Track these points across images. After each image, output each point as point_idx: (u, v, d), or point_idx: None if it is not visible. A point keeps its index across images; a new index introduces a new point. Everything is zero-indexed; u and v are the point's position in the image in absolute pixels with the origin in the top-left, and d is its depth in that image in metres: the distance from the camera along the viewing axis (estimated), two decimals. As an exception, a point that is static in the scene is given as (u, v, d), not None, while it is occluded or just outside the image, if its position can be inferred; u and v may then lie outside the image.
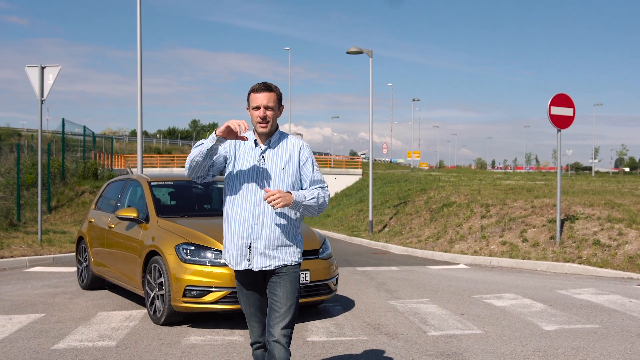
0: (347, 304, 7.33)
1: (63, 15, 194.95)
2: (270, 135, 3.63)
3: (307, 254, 6.47)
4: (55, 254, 11.52)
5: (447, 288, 8.65)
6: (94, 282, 8.16)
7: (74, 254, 9.55)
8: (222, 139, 3.45)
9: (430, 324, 6.20)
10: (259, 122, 3.54)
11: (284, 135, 3.69)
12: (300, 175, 3.67)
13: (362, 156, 66.90)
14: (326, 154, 75.87)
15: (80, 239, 8.63)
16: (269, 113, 3.53)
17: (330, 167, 45.01)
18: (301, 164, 3.67)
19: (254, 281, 3.68)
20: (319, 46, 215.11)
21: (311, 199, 3.58)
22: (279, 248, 3.58)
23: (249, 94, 3.60)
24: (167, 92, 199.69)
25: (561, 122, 12.05)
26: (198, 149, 3.48)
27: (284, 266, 3.59)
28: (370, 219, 20.07)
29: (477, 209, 16.17)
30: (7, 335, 5.66)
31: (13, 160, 20.19)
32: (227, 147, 3.62)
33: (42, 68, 12.27)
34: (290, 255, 3.62)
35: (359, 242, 18.89)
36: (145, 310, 6.77)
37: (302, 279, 6.22)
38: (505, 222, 14.17)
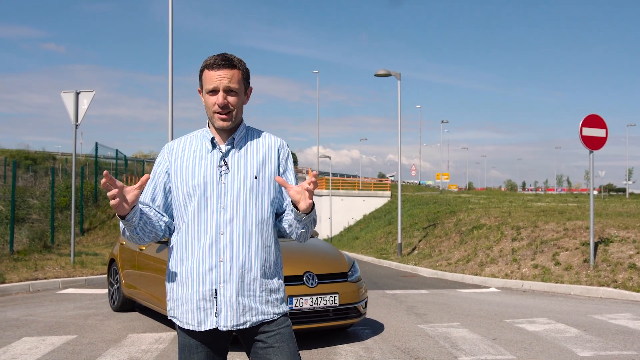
0: (376, 328, 7.26)
1: (96, 41, 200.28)
2: (234, 131, 2.49)
3: (336, 276, 6.47)
4: (87, 276, 11.68)
5: (478, 312, 8.51)
6: (124, 304, 8.25)
7: (106, 276, 9.68)
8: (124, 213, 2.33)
9: (461, 349, 6.10)
10: (218, 113, 2.41)
11: (252, 131, 2.56)
12: (280, 187, 2.53)
13: (391, 178, 66.71)
14: (354, 176, 75.86)
15: (112, 261, 8.75)
16: (231, 99, 2.41)
17: (358, 190, 44.98)
18: (281, 170, 2.54)
19: (215, 345, 2.50)
20: (347, 68, 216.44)
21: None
22: (259, 293, 2.45)
23: (201, 71, 2.46)
24: (196, 115, 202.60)
25: (593, 143, 11.87)
26: (125, 234, 2.44)
27: (269, 322, 2.46)
28: (399, 241, 19.93)
29: (507, 231, 15.95)
30: (40, 356, 5.74)
31: (48, 183, 20.67)
32: (161, 165, 2.53)
33: (77, 93, 12.58)
34: (270, 304, 2.47)
35: (387, 265, 18.75)
36: (174, 333, 6.80)
37: (331, 302, 6.20)
38: (536, 245, 13.93)
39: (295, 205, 2.39)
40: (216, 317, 2.40)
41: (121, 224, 2.39)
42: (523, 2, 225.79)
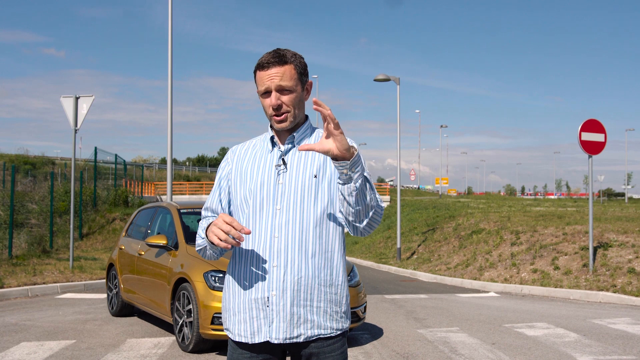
0: (375, 333, 7.25)
1: (96, 46, 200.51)
2: (295, 130, 2.31)
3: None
4: (86, 281, 11.67)
5: (477, 316, 8.51)
6: (123, 309, 8.24)
7: (104, 280, 9.67)
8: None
9: (460, 354, 6.09)
10: (274, 115, 2.24)
11: (317, 131, 2.38)
12: None
13: (390, 183, 66.69)
14: (353, 181, 75.53)
15: (111, 265, 8.74)
16: (285, 98, 2.22)
17: (357, 194, 44.85)
18: None
19: None
20: (345, 73, 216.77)
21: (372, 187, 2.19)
22: (317, 304, 2.21)
23: (254, 73, 2.29)
24: (195, 120, 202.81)
25: (592, 148, 11.88)
26: (204, 252, 2.30)
27: (325, 338, 2.23)
28: (398, 246, 19.92)
29: (507, 236, 15.95)
30: (39, 361, 5.72)
31: (47, 188, 20.66)
32: (224, 169, 2.40)
33: (77, 98, 12.59)
34: (328, 317, 2.24)
35: (387, 270, 18.73)
36: (173, 338, 6.79)
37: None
38: (536, 250, 13.93)
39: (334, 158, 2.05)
40: (269, 328, 2.17)
41: (204, 242, 2.24)
42: (522, 7, 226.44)
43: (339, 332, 2.25)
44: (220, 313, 5.87)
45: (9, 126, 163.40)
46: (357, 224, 2.19)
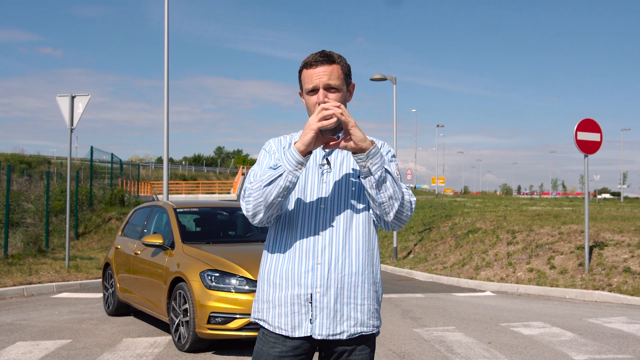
0: (371, 332, 7.25)
1: (92, 45, 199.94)
2: (339, 130, 2.34)
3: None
4: (82, 280, 11.64)
5: (474, 316, 8.52)
6: (119, 308, 8.22)
7: (101, 280, 9.66)
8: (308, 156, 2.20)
9: (456, 353, 6.10)
10: None
11: None
12: None
13: (386, 182, 66.63)
14: (350, 180, 75.61)
15: (107, 265, 8.73)
16: (332, 96, 2.27)
17: (354, 193, 44.85)
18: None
19: (299, 358, 2.28)
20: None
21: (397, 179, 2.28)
22: (360, 301, 2.28)
23: (300, 71, 2.35)
24: (190, 119, 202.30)
25: (588, 148, 11.91)
26: (274, 185, 2.16)
27: (362, 335, 2.29)
28: (394, 245, 19.94)
29: (503, 235, 15.97)
30: (35, 361, 5.71)
31: (43, 187, 20.61)
32: (272, 155, 2.39)
33: (73, 97, 12.56)
34: (370, 314, 2.31)
35: (383, 269, 18.75)
36: (170, 337, 6.79)
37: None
38: (532, 249, 13.96)
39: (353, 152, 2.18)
40: (311, 324, 2.21)
41: (280, 170, 2.16)
42: (519, 7, 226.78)
43: (377, 329, 2.33)
44: (217, 312, 5.88)
45: (4, 125, 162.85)
46: (386, 218, 2.27)
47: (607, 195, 63.66)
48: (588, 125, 11.95)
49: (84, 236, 19.71)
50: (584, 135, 11.88)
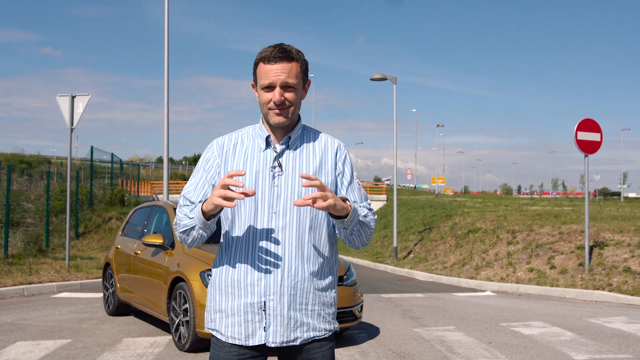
0: (372, 332, 7.26)
1: (92, 45, 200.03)
2: (290, 130, 2.26)
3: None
4: (82, 280, 11.64)
5: (474, 315, 8.52)
6: (119, 308, 8.22)
7: (101, 280, 9.66)
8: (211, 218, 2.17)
9: (456, 353, 6.10)
10: (274, 110, 2.19)
11: (309, 131, 2.33)
12: (337, 191, 2.29)
13: (387, 182, 66.74)
14: (350, 180, 75.56)
15: (107, 265, 8.72)
16: (288, 95, 2.18)
17: (354, 193, 44.83)
18: (337, 172, 2.29)
19: None
20: (342, 73, 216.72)
21: (365, 215, 2.27)
22: (311, 307, 2.23)
23: (255, 64, 2.23)
24: (190, 119, 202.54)
25: (588, 148, 11.91)
26: (190, 234, 2.22)
27: (317, 340, 2.25)
28: (394, 245, 19.94)
29: (503, 235, 15.97)
30: (35, 360, 5.71)
31: (43, 187, 20.61)
32: (211, 161, 2.30)
33: (73, 97, 12.55)
34: (322, 319, 2.26)
35: (383, 269, 18.74)
36: (170, 337, 6.79)
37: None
38: (532, 249, 13.96)
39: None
40: (265, 331, 2.16)
41: (193, 222, 2.17)
42: (518, 6, 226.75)
43: (331, 333, 2.28)
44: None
45: (4, 125, 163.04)
46: (351, 246, 2.31)
47: (598, 198, 63.65)
48: (588, 125, 11.95)
49: (84, 236, 19.71)
50: (584, 135, 11.87)
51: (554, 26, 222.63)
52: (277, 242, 2.18)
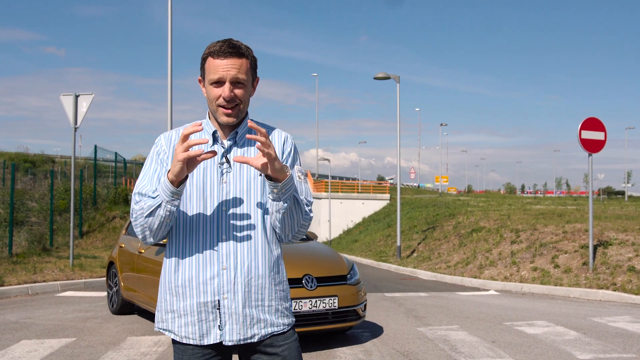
0: (375, 331, 7.26)
1: (95, 45, 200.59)
2: (238, 125, 2.24)
3: (335, 279, 6.48)
4: (86, 279, 11.67)
5: (477, 315, 8.51)
6: (123, 307, 8.24)
7: (105, 278, 9.68)
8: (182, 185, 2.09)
9: (460, 352, 6.10)
10: (222, 107, 2.16)
11: (259, 125, 2.26)
12: None
13: (390, 181, 66.70)
14: (353, 179, 75.85)
15: (111, 263, 8.74)
16: (238, 92, 2.15)
17: (357, 192, 44.98)
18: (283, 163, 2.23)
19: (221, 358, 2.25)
20: (345, 71, 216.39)
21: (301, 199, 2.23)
22: (268, 303, 2.21)
23: (203, 59, 2.19)
24: (193, 118, 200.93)
25: (592, 146, 11.88)
26: (156, 216, 2.10)
27: (277, 334, 2.23)
28: (398, 244, 19.93)
29: (506, 234, 15.95)
30: (39, 359, 5.73)
31: (47, 186, 20.67)
32: (161, 155, 2.24)
33: (77, 96, 12.58)
34: (279, 314, 2.25)
35: (387, 268, 18.74)
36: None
37: (330, 305, 6.20)
38: (536, 248, 13.94)
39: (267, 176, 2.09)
40: (220, 330, 2.14)
41: (159, 200, 2.07)
42: (521, 5, 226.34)
43: (290, 327, 2.27)
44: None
45: (8, 124, 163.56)
46: (282, 237, 2.24)
47: (602, 197, 63.45)
48: (592, 123, 11.92)
49: (88, 235, 19.75)
50: (588, 134, 11.85)
51: (557, 25, 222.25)
52: (228, 239, 2.15)
